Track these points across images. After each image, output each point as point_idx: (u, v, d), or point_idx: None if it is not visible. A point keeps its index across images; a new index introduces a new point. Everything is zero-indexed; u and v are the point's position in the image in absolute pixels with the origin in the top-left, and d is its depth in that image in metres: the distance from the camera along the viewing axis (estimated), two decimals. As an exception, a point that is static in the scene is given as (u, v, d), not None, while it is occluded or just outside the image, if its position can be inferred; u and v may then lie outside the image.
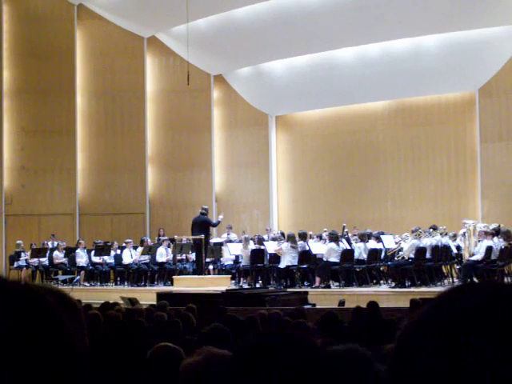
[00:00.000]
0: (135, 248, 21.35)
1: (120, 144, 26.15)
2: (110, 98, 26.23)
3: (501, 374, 0.89)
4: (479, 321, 0.92)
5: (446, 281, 18.01)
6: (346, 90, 24.22)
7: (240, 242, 20.18)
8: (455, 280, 17.97)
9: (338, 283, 17.97)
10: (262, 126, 26.40)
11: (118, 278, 21.29)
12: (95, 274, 21.45)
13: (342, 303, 15.08)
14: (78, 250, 21.33)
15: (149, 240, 22.38)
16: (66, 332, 1.00)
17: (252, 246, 19.56)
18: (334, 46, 23.51)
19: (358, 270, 18.17)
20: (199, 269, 20.28)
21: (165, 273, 20.67)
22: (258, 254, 18.91)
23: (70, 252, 21.71)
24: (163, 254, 20.66)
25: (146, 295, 17.76)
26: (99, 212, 25.85)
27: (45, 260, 21.74)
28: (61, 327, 0.99)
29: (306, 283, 18.40)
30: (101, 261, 21.18)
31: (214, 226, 21.64)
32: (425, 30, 21.99)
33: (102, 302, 11.21)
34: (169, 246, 21.07)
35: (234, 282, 19.70)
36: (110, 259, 21.27)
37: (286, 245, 18.43)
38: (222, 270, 20.85)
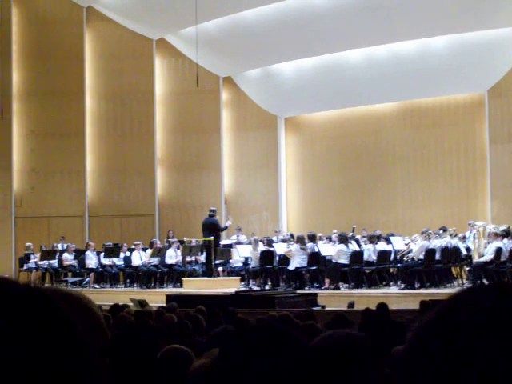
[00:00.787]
0: (144, 250, 21.37)
1: (129, 146, 26.17)
2: (119, 100, 26.27)
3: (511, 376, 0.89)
4: (490, 323, 0.92)
5: (455, 282, 17.99)
6: (355, 91, 24.19)
7: (249, 243, 20.20)
8: (465, 281, 17.95)
9: (347, 285, 17.95)
10: (271, 127, 26.39)
11: (128, 280, 21.31)
12: (105, 276, 21.47)
13: (351, 305, 15.06)
14: (87, 252, 21.35)
15: (158, 242, 22.39)
16: (76, 335, 0.99)
17: (261, 247, 19.56)
18: (342, 48, 23.49)
19: (367, 271, 18.16)
20: (209, 270, 20.28)
21: (174, 275, 20.68)
22: (267, 256, 18.91)
23: (79, 254, 21.75)
24: (172, 256, 20.69)
25: (156, 297, 17.77)
26: (108, 214, 25.88)
27: (54, 262, 21.76)
28: (70, 331, 0.99)
29: (315, 285, 18.39)
30: (110, 263, 21.21)
31: (222, 230, 21.59)
32: (433, 31, 21.94)
33: (112, 304, 11.23)
34: (178, 248, 21.08)
35: (243, 283, 19.71)
36: (119, 261, 21.31)
37: (295, 246, 18.42)
38: (231, 272, 20.86)
